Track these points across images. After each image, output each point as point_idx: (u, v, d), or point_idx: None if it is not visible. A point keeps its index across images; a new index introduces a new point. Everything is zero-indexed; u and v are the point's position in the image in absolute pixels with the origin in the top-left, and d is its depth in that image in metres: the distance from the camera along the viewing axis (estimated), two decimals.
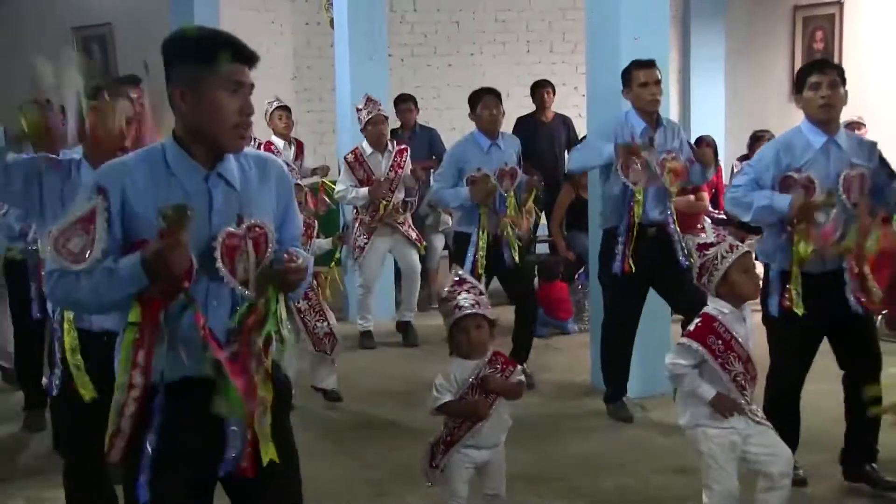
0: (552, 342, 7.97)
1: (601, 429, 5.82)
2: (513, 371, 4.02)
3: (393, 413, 6.19)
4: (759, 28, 11.92)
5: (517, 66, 11.88)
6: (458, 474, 3.97)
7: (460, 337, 3.97)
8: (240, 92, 2.65)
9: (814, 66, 4.80)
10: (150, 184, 2.63)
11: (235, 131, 2.66)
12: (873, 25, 10.43)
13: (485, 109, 6.60)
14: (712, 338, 3.89)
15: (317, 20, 11.53)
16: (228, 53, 2.63)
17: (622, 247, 5.63)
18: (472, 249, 6.45)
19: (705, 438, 3.93)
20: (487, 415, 3.92)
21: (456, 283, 4.03)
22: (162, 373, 2.63)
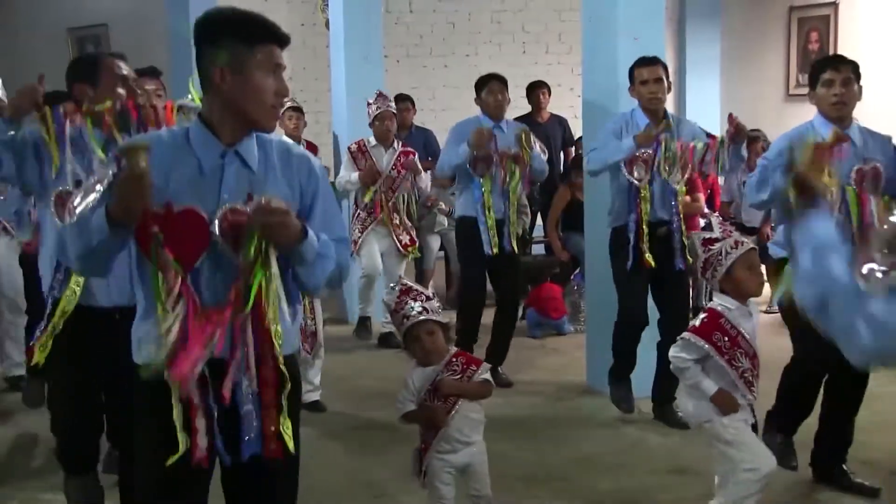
0: (548, 343, 7.97)
1: (598, 429, 5.82)
2: (476, 370, 4.00)
3: (389, 414, 6.13)
4: (754, 29, 11.94)
5: (513, 67, 11.85)
6: (439, 480, 3.97)
7: (414, 346, 3.97)
8: (277, 73, 2.74)
9: (828, 62, 4.81)
10: (168, 156, 2.68)
11: (273, 111, 2.74)
12: (868, 26, 10.45)
13: (490, 95, 6.71)
14: (718, 334, 3.89)
15: (312, 21, 11.53)
16: (266, 36, 2.72)
17: (635, 241, 5.63)
18: (483, 229, 6.54)
19: (723, 427, 3.93)
20: (445, 422, 3.92)
21: (402, 292, 4.00)
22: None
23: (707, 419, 3.97)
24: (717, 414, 3.93)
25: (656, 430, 5.73)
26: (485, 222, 6.55)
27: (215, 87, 2.71)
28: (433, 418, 3.93)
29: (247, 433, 2.69)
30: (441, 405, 3.93)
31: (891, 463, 5.03)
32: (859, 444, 4.86)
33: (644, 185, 5.61)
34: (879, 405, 5.69)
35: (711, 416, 3.95)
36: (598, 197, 6.41)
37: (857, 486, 4.67)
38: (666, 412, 5.84)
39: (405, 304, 3.96)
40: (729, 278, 3.92)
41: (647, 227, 5.64)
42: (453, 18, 12.31)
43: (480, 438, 4.05)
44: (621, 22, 6.19)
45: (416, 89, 11.07)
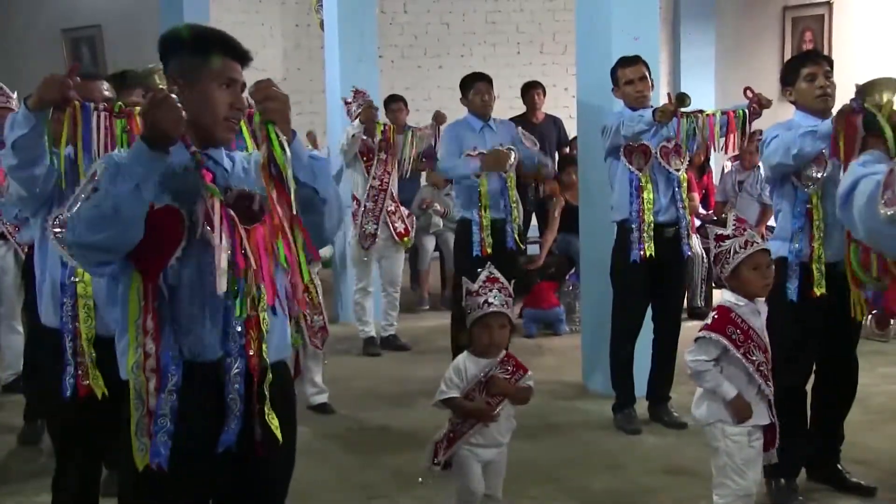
0: (543, 343, 7.98)
1: (593, 430, 5.82)
2: (523, 375, 4.03)
3: (384, 415, 6.18)
4: (748, 29, 11.95)
5: (508, 67, 11.89)
6: (470, 471, 3.96)
7: (482, 333, 3.98)
8: (232, 87, 2.74)
9: (806, 57, 4.80)
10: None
11: (226, 124, 2.74)
12: (862, 26, 10.47)
13: (476, 95, 6.74)
14: (731, 328, 3.87)
15: (307, 22, 11.53)
16: (222, 50, 2.73)
17: (637, 233, 5.62)
18: (476, 230, 6.54)
19: (723, 436, 3.92)
20: (494, 419, 3.94)
21: (488, 279, 4.04)
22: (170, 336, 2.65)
23: (716, 419, 3.94)
24: (727, 420, 3.90)
25: (651, 431, 5.73)
26: (479, 223, 6.57)
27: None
28: (481, 413, 3.92)
29: (228, 424, 2.67)
30: (489, 405, 3.93)
31: (886, 462, 5.04)
32: (854, 444, 4.87)
33: (645, 174, 5.61)
34: (873, 404, 5.70)
35: (720, 419, 3.93)
36: (592, 198, 6.42)
37: (854, 486, 4.67)
38: (661, 412, 5.85)
39: (489, 291, 4.00)
40: (735, 276, 3.91)
41: (652, 222, 5.61)
42: (448, 19, 12.32)
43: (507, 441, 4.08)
44: (615, 22, 6.20)
45: (410, 90, 11.08)
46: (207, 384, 2.67)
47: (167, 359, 2.63)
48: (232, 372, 2.67)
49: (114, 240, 2.56)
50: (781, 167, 4.48)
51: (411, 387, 6.61)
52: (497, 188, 6.60)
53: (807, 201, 4.52)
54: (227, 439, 2.68)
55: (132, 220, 2.54)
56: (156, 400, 2.62)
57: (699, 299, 8.69)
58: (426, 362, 6.97)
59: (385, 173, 7.62)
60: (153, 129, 2.55)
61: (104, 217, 2.52)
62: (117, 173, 2.53)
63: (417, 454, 4.34)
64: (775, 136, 4.57)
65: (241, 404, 2.67)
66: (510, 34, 12.46)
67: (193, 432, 2.65)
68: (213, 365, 2.67)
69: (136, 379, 2.63)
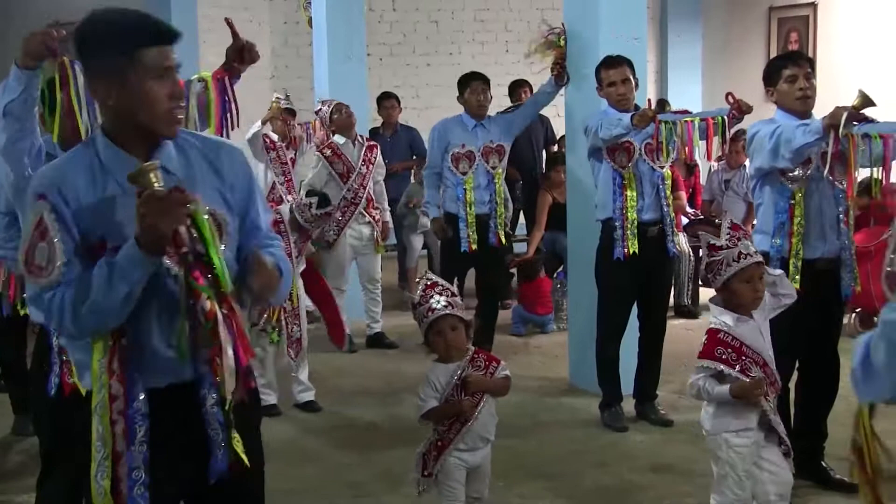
0: (531, 341, 7.99)
1: (580, 427, 5.84)
2: (497, 367, 4.00)
3: (371, 413, 6.19)
4: (735, 29, 11.99)
5: (496, 65, 11.88)
6: (454, 479, 3.93)
7: (437, 340, 3.93)
8: (167, 76, 2.53)
9: (788, 58, 4.84)
10: (89, 184, 2.52)
11: (169, 116, 2.54)
12: (847, 26, 10.51)
13: (472, 94, 6.81)
14: (720, 349, 3.84)
15: (295, 19, 11.50)
16: (150, 39, 2.51)
17: (621, 231, 5.62)
18: (463, 227, 6.64)
19: (727, 447, 3.88)
20: (474, 414, 3.90)
21: (427, 286, 3.97)
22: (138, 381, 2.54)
23: (720, 431, 3.92)
24: (732, 431, 3.88)
25: (638, 428, 5.75)
26: (465, 219, 6.61)
27: (103, 102, 2.57)
28: (462, 412, 3.88)
29: (215, 453, 2.57)
30: (469, 400, 3.90)
31: None
32: (839, 440, 4.88)
33: (628, 172, 5.61)
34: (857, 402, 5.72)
35: (726, 428, 3.90)
36: (580, 196, 6.43)
37: (837, 483, 4.70)
38: (647, 410, 5.87)
39: (430, 298, 3.92)
40: (726, 287, 3.88)
41: (635, 220, 5.61)
42: (436, 17, 12.33)
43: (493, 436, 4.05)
44: (603, 21, 6.21)
45: (399, 88, 11.07)
46: (179, 414, 2.56)
47: (133, 407, 2.52)
48: (209, 403, 2.56)
49: (99, 332, 2.51)
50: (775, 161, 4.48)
51: (398, 384, 6.62)
52: (483, 183, 6.66)
53: (790, 198, 4.56)
54: (217, 468, 2.57)
55: (125, 315, 2.48)
56: (124, 449, 2.52)
57: (686, 297, 8.71)
58: (413, 360, 6.96)
59: (361, 187, 7.53)
60: (150, 231, 2.38)
61: (98, 317, 2.46)
62: (111, 273, 2.40)
63: (405, 452, 4.34)
64: (756, 131, 4.61)
65: (222, 433, 2.56)
66: (498, 32, 12.47)
67: (171, 474, 2.58)
68: (183, 391, 2.57)
69: (99, 421, 2.52)
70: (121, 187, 2.51)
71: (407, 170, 9.59)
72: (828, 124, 4.29)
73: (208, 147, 2.71)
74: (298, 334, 6.03)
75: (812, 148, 4.42)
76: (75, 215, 2.48)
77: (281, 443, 5.49)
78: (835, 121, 4.26)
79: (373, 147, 7.72)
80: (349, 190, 7.49)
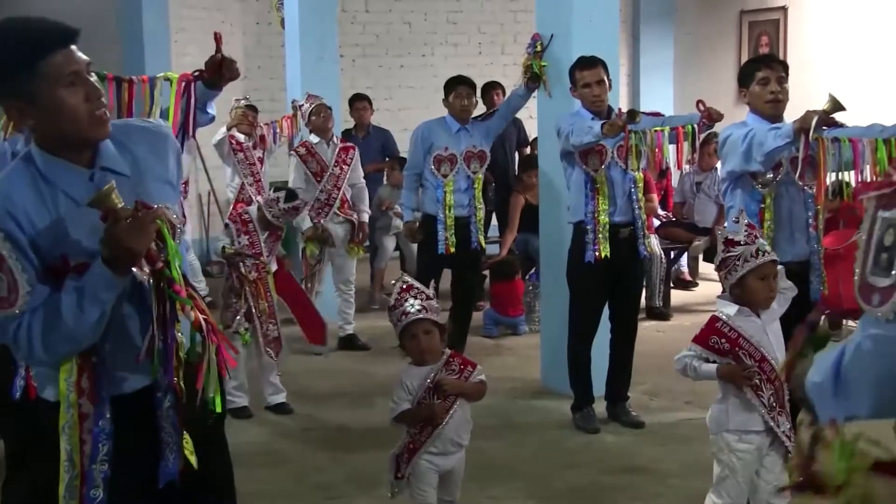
0: (503, 342, 8.00)
1: (551, 428, 5.85)
2: (472, 371, 4.00)
3: (343, 415, 6.17)
4: (706, 33, 12.05)
5: (469, 67, 11.85)
6: (425, 482, 3.92)
7: (411, 344, 3.93)
8: (78, 80, 2.39)
9: (761, 60, 4.86)
10: (38, 204, 2.42)
11: (94, 118, 2.41)
12: (816, 30, 10.60)
13: (457, 99, 6.85)
14: (715, 338, 3.84)
15: (267, 20, 11.47)
16: (48, 46, 2.38)
17: (592, 235, 5.63)
18: (441, 229, 6.65)
19: (729, 450, 3.86)
20: (445, 418, 3.88)
21: (402, 289, 3.95)
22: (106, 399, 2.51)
23: (721, 430, 3.90)
24: (732, 430, 3.85)
25: (610, 430, 5.77)
26: (443, 222, 6.63)
27: (23, 123, 2.48)
28: (433, 415, 3.87)
29: (166, 456, 2.54)
30: (441, 403, 3.89)
31: None
32: None
33: (600, 175, 5.62)
34: None
35: (726, 428, 3.88)
36: (552, 198, 6.45)
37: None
38: (619, 411, 5.88)
39: (405, 302, 3.91)
40: (740, 284, 3.85)
41: (607, 223, 5.61)
42: (409, 18, 12.32)
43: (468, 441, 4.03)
44: (576, 24, 6.22)
45: (371, 89, 11.06)
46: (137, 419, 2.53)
47: (99, 427, 2.49)
48: (164, 406, 2.53)
49: (70, 355, 2.48)
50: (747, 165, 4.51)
51: (370, 386, 6.61)
52: (463, 187, 6.69)
53: (760, 201, 4.60)
54: (167, 472, 2.54)
55: (98, 336, 2.45)
56: (87, 467, 2.49)
57: (657, 299, 8.75)
58: (385, 361, 6.96)
59: (335, 188, 7.55)
60: (126, 253, 2.33)
61: (71, 343, 2.43)
62: (81, 297, 2.35)
63: (377, 454, 4.34)
64: (728, 134, 4.64)
65: (176, 436, 2.53)
66: (472, 34, 12.48)
67: (129, 484, 2.54)
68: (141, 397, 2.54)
69: (68, 440, 2.49)
70: (71, 199, 2.44)
71: (378, 171, 9.58)
72: (798, 128, 4.32)
73: (144, 133, 2.63)
74: (276, 333, 6.01)
75: (783, 151, 4.45)
76: (32, 240, 2.40)
77: (252, 445, 5.47)
78: (805, 125, 4.30)
79: (348, 148, 7.73)
80: (322, 191, 7.50)
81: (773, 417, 3.84)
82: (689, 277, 10.01)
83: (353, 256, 7.80)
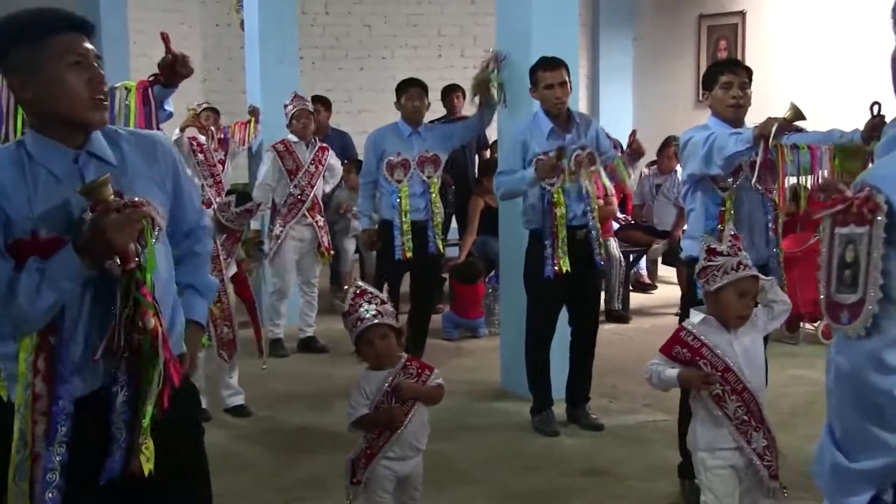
0: (463, 345, 8.00)
1: (511, 431, 5.85)
2: (430, 374, 3.98)
3: (301, 418, 6.15)
4: (665, 36, 12.13)
5: (429, 70, 11.88)
6: (382, 488, 3.90)
7: (367, 349, 3.91)
8: (84, 63, 2.46)
9: (726, 65, 4.88)
10: (18, 179, 2.45)
11: (92, 103, 2.47)
12: (774, 35, 10.70)
13: (409, 101, 6.85)
14: (677, 347, 3.79)
15: (227, 21, 11.41)
16: (58, 26, 2.46)
17: (550, 249, 5.63)
18: (397, 234, 6.64)
19: (704, 469, 3.82)
20: (403, 422, 3.87)
21: (356, 295, 3.93)
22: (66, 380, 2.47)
23: (695, 448, 3.87)
24: (704, 448, 3.81)
25: (569, 433, 5.78)
26: (399, 227, 6.62)
27: (22, 98, 2.52)
28: (391, 419, 3.85)
29: (112, 453, 2.49)
30: (399, 407, 3.87)
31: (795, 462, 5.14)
32: None
33: (557, 189, 5.61)
34: (784, 405, 5.82)
35: (699, 445, 3.84)
36: (512, 202, 6.43)
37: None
38: (579, 414, 5.90)
39: (359, 307, 3.89)
40: (716, 296, 3.77)
41: (565, 236, 5.61)
42: (369, 21, 12.30)
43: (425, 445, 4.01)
44: (536, 27, 6.23)
45: (331, 91, 11.03)
46: (95, 416, 2.49)
47: (58, 406, 2.45)
48: (118, 400, 2.49)
49: (16, 336, 2.46)
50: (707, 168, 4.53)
51: (329, 389, 6.59)
52: (419, 191, 6.69)
53: (720, 204, 4.63)
54: (111, 468, 2.49)
55: (43, 324, 2.44)
56: (43, 450, 2.45)
57: (616, 302, 8.78)
58: (344, 364, 6.92)
59: (308, 186, 7.60)
60: (105, 244, 2.34)
61: (17, 323, 2.42)
62: (41, 280, 2.34)
63: (335, 458, 4.31)
64: (690, 137, 4.66)
65: (125, 433, 2.49)
66: (432, 37, 12.48)
67: (84, 473, 2.49)
68: (99, 394, 2.51)
69: (21, 420, 2.45)
70: (51, 174, 2.46)
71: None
72: (758, 134, 4.35)
73: (139, 138, 2.68)
74: (231, 336, 5.97)
75: (743, 156, 4.48)
76: (3, 210, 2.41)
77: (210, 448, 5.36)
78: (765, 131, 4.33)
79: (324, 149, 7.82)
80: (296, 187, 7.58)
81: (746, 433, 3.77)
82: (647, 280, 10.06)
83: (324, 263, 7.91)
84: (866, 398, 1.75)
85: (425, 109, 6.93)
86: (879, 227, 1.72)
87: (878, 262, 1.72)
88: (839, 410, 1.83)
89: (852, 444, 1.80)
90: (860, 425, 1.77)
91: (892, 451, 1.73)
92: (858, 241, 1.75)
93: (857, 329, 1.75)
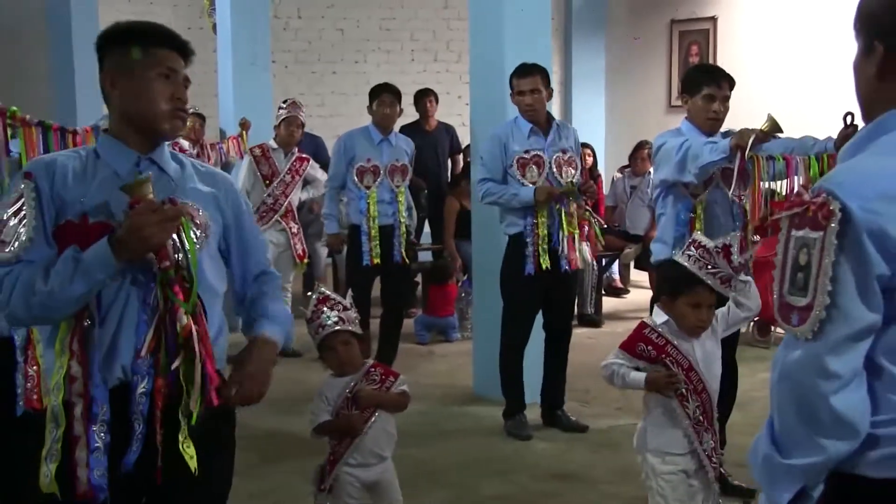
0: (436, 349, 7.99)
1: (483, 435, 5.85)
2: (394, 381, 3.96)
3: (272, 422, 6.11)
4: (637, 41, 12.19)
5: (401, 74, 11.88)
6: (348, 493, 3.87)
7: (329, 356, 3.91)
8: (172, 78, 2.62)
9: (712, 76, 4.79)
10: (79, 172, 2.57)
11: (170, 114, 2.61)
12: (745, 40, 10.78)
13: (380, 106, 6.81)
14: (642, 345, 3.75)
15: (199, 25, 11.36)
16: (158, 41, 2.64)
17: (532, 248, 5.64)
18: (365, 240, 6.64)
19: (654, 474, 3.76)
20: (362, 429, 3.84)
21: (319, 301, 3.92)
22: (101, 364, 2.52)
23: (643, 450, 3.81)
24: (654, 451, 3.77)
25: (542, 437, 5.78)
26: (367, 233, 6.62)
27: (109, 96, 2.65)
28: (350, 426, 3.83)
29: (131, 444, 2.52)
30: (358, 414, 3.85)
31: None
32: (735, 446, 4.96)
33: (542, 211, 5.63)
34: (755, 409, 5.84)
35: (647, 447, 3.79)
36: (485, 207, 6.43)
37: (735, 488, 4.77)
38: (553, 417, 5.90)
39: (321, 314, 3.88)
40: (671, 302, 3.75)
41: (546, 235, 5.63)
42: (342, 25, 12.28)
43: (391, 456, 3.99)
44: (508, 32, 6.25)
45: (304, 95, 10.97)
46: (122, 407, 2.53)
47: (96, 389, 2.49)
48: (138, 391, 2.52)
49: (44, 321, 2.54)
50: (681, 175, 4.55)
51: (300, 393, 6.53)
52: (387, 198, 6.68)
53: (691, 210, 4.65)
54: (127, 461, 2.52)
55: (71, 313, 2.48)
56: (84, 430, 2.49)
57: (589, 306, 8.81)
58: (316, 369, 6.85)
59: (283, 195, 7.57)
60: (141, 241, 2.42)
61: (48, 308, 2.46)
62: (75, 269, 2.40)
63: (305, 463, 4.30)
64: (663, 143, 4.68)
65: (143, 425, 2.52)
66: (404, 42, 12.48)
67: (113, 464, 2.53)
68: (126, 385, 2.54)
69: (54, 400, 2.49)
70: (112, 170, 2.58)
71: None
72: (735, 145, 4.38)
73: (205, 168, 2.82)
74: None
75: (718, 165, 4.50)
76: (59, 195, 2.51)
77: None
78: (742, 142, 4.35)
79: (303, 159, 7.77)
80: (269, 195, 7.55)
81: (699, 433, 3.75)
82: (620, 285, 10.09)
83: (300, 272, 7.97)
84: (804, 400, 1.80)
85: (397, 116, 6.91)
86: (832, 233, 1.74)
87: (828, 269, 1.75)
88: (779, 407, 1.87)
89: (787, 440, 1.86)
90: (796, 424, 1.83)
91: (823, 452, 1.79)
92: (812, 245, 1.78)
93: (805, 332, 1.79)
